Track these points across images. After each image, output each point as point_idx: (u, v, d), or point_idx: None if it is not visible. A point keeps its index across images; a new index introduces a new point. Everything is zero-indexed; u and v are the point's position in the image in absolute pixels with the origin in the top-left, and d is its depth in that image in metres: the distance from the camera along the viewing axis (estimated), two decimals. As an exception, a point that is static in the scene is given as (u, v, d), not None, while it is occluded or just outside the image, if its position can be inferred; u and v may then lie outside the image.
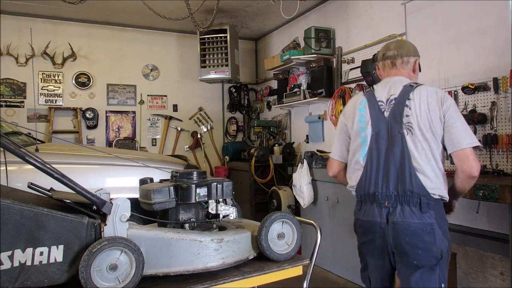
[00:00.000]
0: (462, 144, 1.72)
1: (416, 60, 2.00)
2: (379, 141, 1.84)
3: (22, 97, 5.16)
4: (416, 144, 1.76)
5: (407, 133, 1.78)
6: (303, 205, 4.02)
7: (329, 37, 4.71)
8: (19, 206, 1.02)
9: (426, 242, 1.72)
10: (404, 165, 1.76)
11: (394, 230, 1.76)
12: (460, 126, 1.74)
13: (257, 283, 1.28)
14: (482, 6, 3.00)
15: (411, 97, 1.79)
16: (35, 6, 4.93)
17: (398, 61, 1.96)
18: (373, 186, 1.84)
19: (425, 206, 1.73)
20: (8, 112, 5.08)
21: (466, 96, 3.09)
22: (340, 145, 2.10)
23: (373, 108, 1.89)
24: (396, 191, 1.78)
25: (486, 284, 2.93)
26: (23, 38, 5.09)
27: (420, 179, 1.74)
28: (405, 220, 1.74)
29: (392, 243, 1.78)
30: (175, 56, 6.12)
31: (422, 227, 1.72)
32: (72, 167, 2.39)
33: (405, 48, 1.99)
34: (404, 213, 1.75)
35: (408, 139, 1.77)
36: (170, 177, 1.39)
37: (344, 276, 3.63)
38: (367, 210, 1.88)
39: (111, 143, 5.61)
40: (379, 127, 1.85)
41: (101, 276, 1.06)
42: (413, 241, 1.73)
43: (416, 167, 1.75)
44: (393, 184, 1.79)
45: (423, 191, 1.73)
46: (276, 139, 5.78)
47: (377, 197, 1.82)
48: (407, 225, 1.73)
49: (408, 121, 1.78)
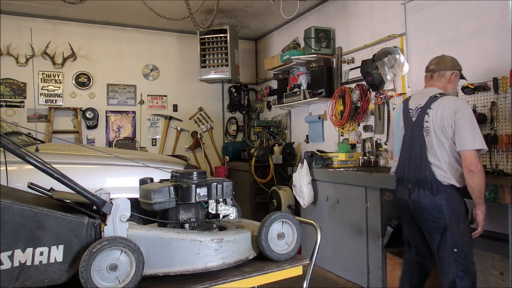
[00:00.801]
0: (465, 146, 2.16)
1: (452, 73, 2.41)
2: (407, 140, 2.43)
3: (22, 97, 5.16)
4: (432, 144, 2.27)
5: (426, 135, 2.30)
6: (303, 205, 4.02)
7: (329, 37, 4.71)
8: (19, 206, 1.02)
9: (436, 216, 2.25)
10: (421, 158, 2.30)
11: (413, 206, 2.35)
12: (465, 131, 2.17)
13: (257, 283, 1.28)
14: (482, 6, 3.00)
15: (432, 107, 2.29)
16: (35, 6, 4.93)
17: (435, 74, 2.43)
18: (402, 172, 2.45)
19: (435, 190, 2.24)
20: (8, 112, 5.08)
21: (466, 96, 3.09)
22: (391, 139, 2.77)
23: (405, 114, 2.46)
24: (415, 177, 2.34)
25: (486, 284, 2.93)
26: (23, 38, 5.10)
27: (432, 169, 2.25)
28: (419, 199, 2.30)
29: (413, 215, 2.39)
30: (175, 56, 6.12)
31: (432, 206, 2.25)
32: (72, 167, 2.39)
33: (443, 63, 2.43)
34: (419, 194, 2.30)
35: (426, 139, 2.30)
36: (170, 177, 1.39)
37: (344, 276, 3.63)
38: (399, 190, 2.49)
39: (111, 143, 5.61)
40: (407, 129, 2.43)
41: (101, 276, 1.06)
42: (425, 215, 2.30)
43: (430, 161, 2.26)
44: (413, 172, 2.36)
45: (434, 178, 2.24)
46: (276, 139, 5.78)
47: (404, 180, 2.43)
48: (421, 203, 2.30)
49: (427, 126, 2.30)
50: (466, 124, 2.17)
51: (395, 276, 3.09)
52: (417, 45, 3.61)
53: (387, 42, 3.93)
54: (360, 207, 3.39)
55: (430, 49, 3.44)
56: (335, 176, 3.70)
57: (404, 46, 3.73)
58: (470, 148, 2.14)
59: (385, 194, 3.17)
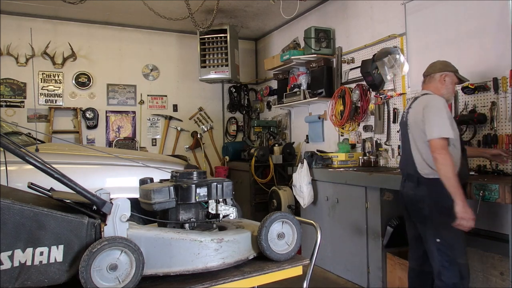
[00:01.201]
0: (430, 135, 2.29)
1: (441, 75, 2.52)
2: (402, 138, 2.67)
3: (22, 97, 5.16)
4: (414, 139, 2.45)
5: (409, 132, 2.49)
6: (303, 205, 4.02)
7: (329, 37, 4.71)
8: (19, 206, 1.02)
9: (419, 207, 2.42)
10: (408, 153, 2.50)
11: (404, 198, 2.56)
12: (430, 122, 2.32)
13: (257, 283, 1.28)
14: (482, 6, 3.00)
15: (412, 106, 2.52)
16: (35, 6, 4.93)
17: (427, 78, 2.59)
18: (400, 167, 2.70)
19: (418, 183, 2.41)
20: (8, 112, 5.08)
21: (466, 96, 3.09)
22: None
23: (402, 115, 2.71)
24: (405, 171, 2.55)
25: (486, 284, 2.93)
26: (23, 38, 5.10)
27: (415, 163, 2.43)
28: (407, 192, 2.51)
29: (406, 207, 2.58)
30: (175, 56, 6.11)
31: (416, 197, 2.43)
32: (72, 167, 2.39)
33: (433, 67, 2.58)
34: (407, 187, 2.51)
35: (409, 136, 2.49)
36: (170, 177, 1.39)
37: (344, 276, 3.63)
38: (400, 184, 2.66)
39: (111, 143, 5.61)
40: (401, 129, 2.68)
41: (101, 276, 1.06)
42: (411, 206, 2.50)
43: (413, 155, 2.45)
44: (404, 166, 2.57)
45: (416, 172, 2.42)
46: (276, 139, 5.78)
47: (402, 175, 2.63)
48: (408, 195, 2.50)
49: (409, 123, 2.50)
50: (431, 115, 2.32)
51: (395, 276, 3.09)
52: (417, 45, 3.61)
53: (387, 42, 3.93)
54: (360, 207, 3.39)
55: (430, 49, 3.44)
56: (335, 176, 3.70)
57: (404, 46, 3.73)
58: (433, 136, 2.26)
59: (385, 194, 3.17)
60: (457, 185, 2.20)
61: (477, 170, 2.97)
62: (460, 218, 2.19)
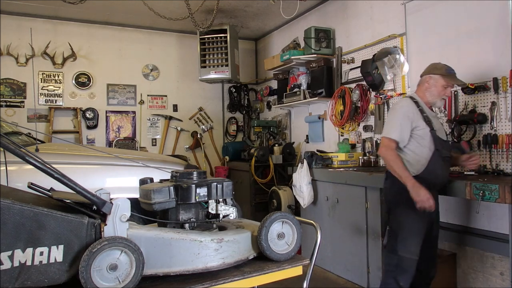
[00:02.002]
0: (382, 133, 2.62)
1: (425, 78, 2.59)
2: None
3: (22, 97, 5.16)
4: None
5: None
6: (303, 205, 4.02)
7: (329, 37, 4.71)
8: (19, 206, 1.02)
9: (386, 197, 2.69)
10: None
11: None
12: (386, 123, 2.69)
13: (257, 283, 1.28)
14: (482, 6, 3.00)
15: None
16: (35, 6, 4.93)
17: (418, 82, 2.67)
18: None
19: (386, 177, 2.65)
20: (8, 112, 5.08)
21: (466, 96, 3.09)
22: None
23: None
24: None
25: (486, 284, 2.93)
26: (23, 38, 5.09)
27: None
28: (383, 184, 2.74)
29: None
30: (175, 56, 6.11)
31: (384, 190, 2.71)
32: (72, 167, 2.39)
33: (423, 71, 2.64)
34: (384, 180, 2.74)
35: None
36: (170, 177, 1.39)
37: (344, 276, 3.63)
38: None
39: (111, 143, 5.61)
40: None
41: (101, 276, 1.06)
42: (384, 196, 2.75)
43: None
44: None
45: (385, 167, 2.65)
46: (276, 139, 5.78)
47: None
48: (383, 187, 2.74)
49: None
50: (388, 116, 2.76)
51: (395, 276, 3.08)
52: (417, 45, 3.61)
53: (387, 42, 3.93)
54: (360, 207, 3.39)
55: (430, 49, 3.44)
56: (335, 176, 3.70)
57: (404, 46, 3.73)
58: (382, 135, 2.59)
59: (385, 194, 3.18)
60: (403, 173, 2.40)
61: (477, 170, 2.97)
62: (417, 202, 2.33)
